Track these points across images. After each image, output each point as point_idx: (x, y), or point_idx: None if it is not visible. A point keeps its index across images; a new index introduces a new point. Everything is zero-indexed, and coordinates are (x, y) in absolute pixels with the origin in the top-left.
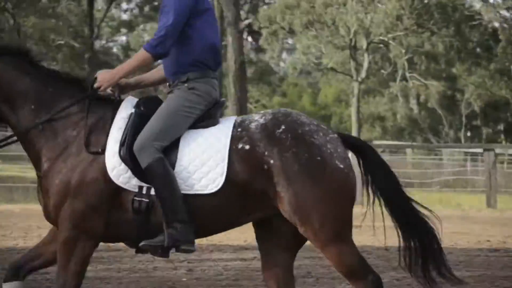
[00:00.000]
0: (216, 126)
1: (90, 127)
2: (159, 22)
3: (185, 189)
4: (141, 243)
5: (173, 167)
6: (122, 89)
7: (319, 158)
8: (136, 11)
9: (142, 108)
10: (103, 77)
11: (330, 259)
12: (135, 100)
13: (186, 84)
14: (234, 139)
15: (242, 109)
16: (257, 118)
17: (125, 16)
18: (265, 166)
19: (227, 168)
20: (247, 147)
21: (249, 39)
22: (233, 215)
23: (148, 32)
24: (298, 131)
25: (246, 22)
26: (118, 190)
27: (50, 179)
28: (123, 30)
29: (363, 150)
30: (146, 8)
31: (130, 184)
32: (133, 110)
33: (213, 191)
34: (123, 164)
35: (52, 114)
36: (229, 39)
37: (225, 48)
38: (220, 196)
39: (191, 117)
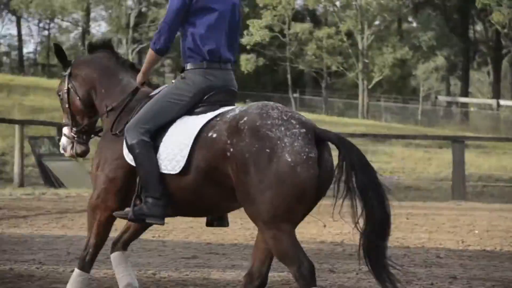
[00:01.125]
0: (205, 114)
1: (122, 113)
2: None
3: (163, 168)
4: (114, 213)
5: (159, 148)
6: None
7: (268, 150)
8: None
9: (157, 92)
10: (137, 78)
11: (266, 243)
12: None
13: (182, 74)
14: (208, 127)
15: None
16: (237, 109)
17: None
18: (228, 154)
19: (190, 153)
20: (214, 135)
21: None
22: (208, 199)
23: None
24: (256, 123)
25: None
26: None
27: (97, 154)
28: None
29: (337, 145)
30: None
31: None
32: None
33: (176, 172)
34: None
35: (117, 104)
36: None
37: None
38: (185, 177)
39: (179, 104)
